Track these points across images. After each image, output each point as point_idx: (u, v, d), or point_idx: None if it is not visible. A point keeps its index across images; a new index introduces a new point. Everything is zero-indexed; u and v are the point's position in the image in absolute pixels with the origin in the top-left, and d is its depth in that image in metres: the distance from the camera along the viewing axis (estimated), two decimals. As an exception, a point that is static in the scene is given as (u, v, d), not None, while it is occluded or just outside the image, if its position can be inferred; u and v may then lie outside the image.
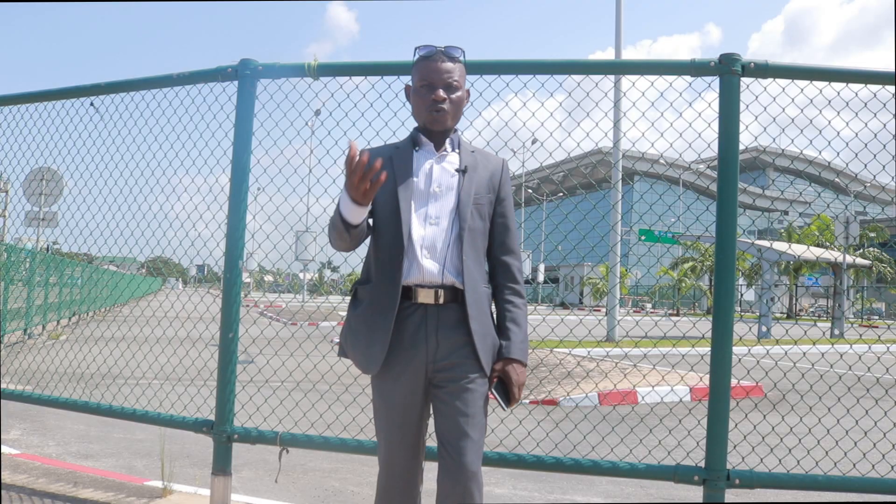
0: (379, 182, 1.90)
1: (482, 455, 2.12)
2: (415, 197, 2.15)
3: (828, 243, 28.63)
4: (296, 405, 3.73)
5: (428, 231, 2.12)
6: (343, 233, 2.02)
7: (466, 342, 2.12)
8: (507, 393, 2.15)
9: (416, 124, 2.27)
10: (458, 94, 2.18)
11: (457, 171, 2.18)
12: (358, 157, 1.86)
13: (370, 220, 2.19)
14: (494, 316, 2.24)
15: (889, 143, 2.90)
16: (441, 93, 2.13)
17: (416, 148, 2.21)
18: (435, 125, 2.17)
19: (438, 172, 2.18)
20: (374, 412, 2.20)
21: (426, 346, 2.10)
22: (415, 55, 2.22)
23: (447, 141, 2.22)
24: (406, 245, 2.10)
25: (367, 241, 2.22)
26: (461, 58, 2.21)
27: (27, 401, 4.15)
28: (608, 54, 46.75)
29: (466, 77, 2.27)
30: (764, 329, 17.85)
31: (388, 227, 2.14)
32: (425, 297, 2.11)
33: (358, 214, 1.98)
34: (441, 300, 2.11)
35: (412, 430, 2.15)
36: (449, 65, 2.16)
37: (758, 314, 20.12)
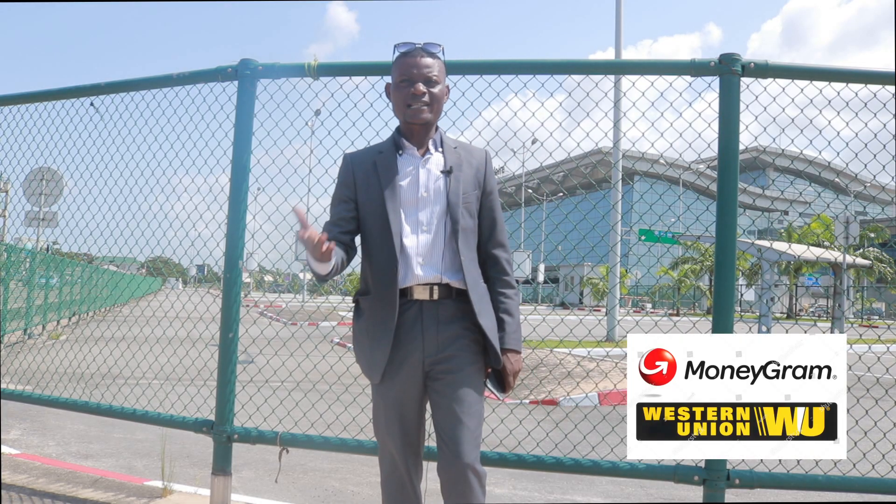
0: (332, 246, 1.94)
1: (480, 445, 2.13)
2: (403, 205, 2.16)
3: (828, 243, 28.61)
4: (296, 405, 3.72)
5: (421, 238, 2.15)
6: (319, 279, 2.09)
7: (462, 334, 2.15)
8: (502, 382, 2.22)
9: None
10: (439, 87, 2.17)
11: (442, 172, 2.18)
12: (307, 235, 1.91)
13: (351, 238, 2.23)
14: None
15: (889, 143, 2.90)
16: (421, 86, 2.13)
17: (400, 152, 2.21)
18: (415, 118, 2.15)
19: (425, 176, 2.18)
20: (373, 414, 2.22)
21: (423, 341, 2.13)
22: (394, 53, 2.21)
23: (430, 142, 2.21)
24: (399, 255, 2.12)
25: (359, 250, 2.26)
26: (440, 54, 2.20)
27: (27, 401, 4.15)
28: (608, 54, 46.75)
29: (448, 75, 2.27)
30: (764, 329, 17.83)
31: (380, 238, 2.15)
32: (420, 293, 2.14)
33: (325, 266, 2.05)
34: (436, 296, 2.14)
35: (412, 427, 2.17)
36: (428, 60, 2.16)
37: (758, 314, 20.11)
